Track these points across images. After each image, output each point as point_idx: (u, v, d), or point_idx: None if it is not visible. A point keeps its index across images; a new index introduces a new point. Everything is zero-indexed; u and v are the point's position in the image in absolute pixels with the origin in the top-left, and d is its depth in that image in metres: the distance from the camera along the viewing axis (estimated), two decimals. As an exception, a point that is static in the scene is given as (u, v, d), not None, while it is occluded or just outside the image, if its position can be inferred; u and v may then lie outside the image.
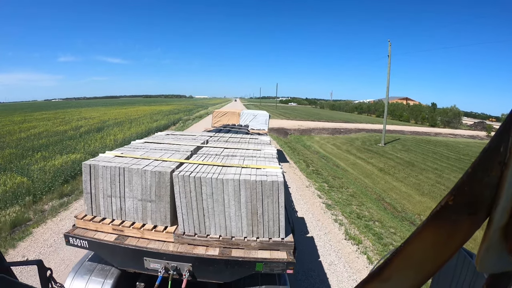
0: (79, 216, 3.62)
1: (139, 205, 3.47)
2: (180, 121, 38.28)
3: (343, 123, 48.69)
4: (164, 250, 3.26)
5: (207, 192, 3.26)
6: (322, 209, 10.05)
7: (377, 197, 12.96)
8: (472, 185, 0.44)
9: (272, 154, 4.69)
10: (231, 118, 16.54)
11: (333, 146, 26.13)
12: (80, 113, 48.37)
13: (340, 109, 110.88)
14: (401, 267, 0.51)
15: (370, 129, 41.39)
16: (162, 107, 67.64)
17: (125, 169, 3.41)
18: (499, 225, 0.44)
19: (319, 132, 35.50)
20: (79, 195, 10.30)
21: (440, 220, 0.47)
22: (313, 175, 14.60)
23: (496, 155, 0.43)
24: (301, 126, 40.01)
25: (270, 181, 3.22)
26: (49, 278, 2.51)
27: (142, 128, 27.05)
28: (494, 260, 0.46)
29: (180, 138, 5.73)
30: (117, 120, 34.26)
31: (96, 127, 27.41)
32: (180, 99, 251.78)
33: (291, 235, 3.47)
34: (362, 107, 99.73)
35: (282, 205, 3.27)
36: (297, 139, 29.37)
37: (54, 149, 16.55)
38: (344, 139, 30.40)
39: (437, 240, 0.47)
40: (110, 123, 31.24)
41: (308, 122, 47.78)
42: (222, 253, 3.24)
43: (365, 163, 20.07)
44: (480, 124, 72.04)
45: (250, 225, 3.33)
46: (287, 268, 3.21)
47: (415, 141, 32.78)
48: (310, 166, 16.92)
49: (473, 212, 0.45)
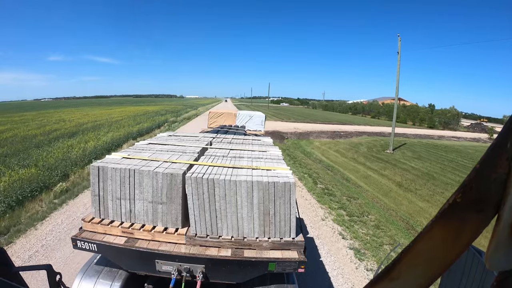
0: (86, 219, 3.61)
1: (149, 207, 3.52)
2: (166, 123, 34.90)
3: (341, 125, 46.26)
4: (176, 252, 3.30)
5: (220, 194, 3.33)
6: (351, 260, 7.40)
7: (406, 226, 10.79)
8: (480, 182, 0.44)
9: (278, 155, 4.77)
10: (228, 119, 16.13)
11: (336, 153, 23.22)
12: (62, 114, 46.24)
13: (334, 110, 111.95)
14: (410, 266, 0.50)
15: (371, 132, 38.94)
16: (150, 108, 64.87)
17: (136, 171, 3.45)
18: (508, 222, 0.43)
19: (318, 135, 32.64)
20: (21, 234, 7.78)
21: (448, 218, 0.46)
22: (325, 198, 11.70)
23: (504, 151, 0.43)
24: (297, 128, 37.18)
25: (282, 182, 3.32)
26: (58, 283, 2.80)
27: (120, 133, 24.97)
28: (504, 257, 0.46)
29: (184, 140, 5.73)
30: (96, 123, 32.30)
31: (71, 131, 25.47)
32: (171, 99, 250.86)
33: (301, 234, 3.56)
34: (356, 107, 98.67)
35: (293, 206, 3.37)
36: (295, 145, 26.42)
37: (11, 161, 14.12)
38: (347, 144, 27.58)
39: (446, 238, 0.47)
40: (88, 126, 29.35)
41: (304, 124, 45.18)
42: (234, 254, 3.31)
43: (378, 175, 17.25)
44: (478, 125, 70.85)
45: (262, 226, 3.41)
46: (298, 267, 3.28)
47: (422, 146, 30.30)
48: (318, 182, 14.00)
49: (481, 209, 0.45)
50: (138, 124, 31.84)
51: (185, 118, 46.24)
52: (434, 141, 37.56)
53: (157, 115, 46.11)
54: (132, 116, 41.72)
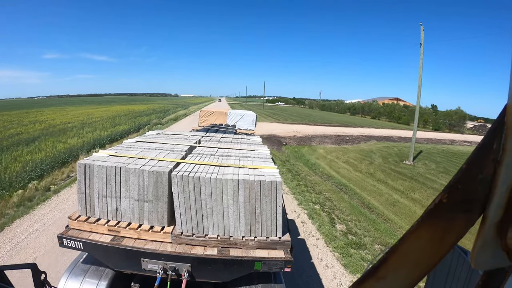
0: (73, 216, 3.67)
1: (135, 205, 3.58)
2: (147, 125, 30.41)
3: (344, 127, 42.59)
4: (162, 251, 3.35)
5: (206, 192, 3.39)
6: None
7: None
8: (466, 183, 0.45)
9: (266, 154, 4.83)
10: (219, 117, 15.93)
11: (347, 165, 19.21)
12: (40, 114, 43.34)
13: (331, 110, 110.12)
14: (396, 265, 0.51)
15: (379, 135, 35.10)
16: (136, 107, 61.93)
17: (122, 168, 3.51)
18: (493, 222, 0.45)
19: (321, 140, 28.65)
20: None
21: (434, 217, 0.48)
22: (354, 255, 7.32)
23: (490, 152, 0.44)
24: (296, 132, 33.19)
25: (268, 181, 3.39)
26: (43, 282, 2.92)
27: (87, 138, 21.95)
28: (489, 257, 0.47)
29: (172, 138, 5.78)
30: (68, 125, 29.45)
31: (34, 135, 22.50)
32: (165, 98, 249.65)
33: (288, 234, 3.63)
34: (355, 107, 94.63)
35: (280, 205, 3.45)
36: (296, 153, 22.33)
37: None
38: (357, 152, 23.48)
39: (432, 237, 0.48)
40: (55, 129, 26.43)
41: (304, 126, 41.38)
42: (220, 252, 3.37)
43: (407, 199, 13.62)
44: (483, 127, 67.63)
45: (248, 225, 3.48)
46: (285, 266, 3.33)
47: (441, 155, 26.68)
48: (334, 218, 10.10)
49: (467, 209, 0.46)
50: (114, 127, 28.85)
51: (171, 119, 41.93)
52: (449, 147, 34.17)
53: (141, 115, 42.64)
54: (112, 117, 37.97)
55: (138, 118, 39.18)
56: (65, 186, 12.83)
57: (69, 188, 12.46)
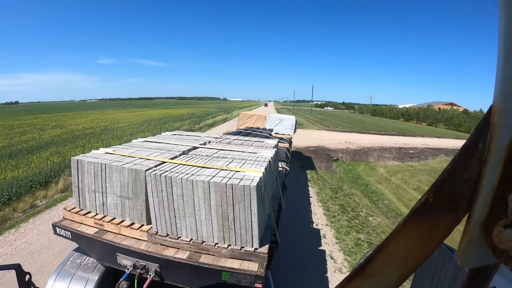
0: (68, 208, 3.95)
1: (118, 202, 3.73)
2: (174, 132, 26.48)
3: (402, 137, 37.22)
4: (134, 248, 3.41)
5: (177, 193, 3.40)
6: None
7: None
8: (452, 182, 0.46)
9: (265, 158, 4.57)
10: (258, 121, 15.60)
11: (420, 195, 12.52)
12: (74, 117, 44.36)
13: (383, 115, 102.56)
14: (383, 264, 0.52)
15: (446, 148, 28.50)
16: (176, 111, 62.04)
17: (106, 165, 3.70)
18: (478, 221, 0.46)
19: (380, 155, 23.14)
20: None
21: (420, 216, 0.48)
22: None
23: (475, 152, 0.45)
24: (349, 142, 27.87)
25: (241, 185, 3.24)
26: (28, 283, 2.91)
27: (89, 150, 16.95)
28: (475, 255, 0.48)
29: (183, 139, 5.85)
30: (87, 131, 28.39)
31: (42, 143, 21.51)
32: (212, 101, 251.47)
33: (267, 246, 3.40)
34: (409, 113, 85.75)
35: (254, 212, 3.27)
36: (351, 173, 17.36)
37: None
38: (428, 173, 18.35)
39: (418, 236, 0.49)
40: (73, 135, 25.50)
41: (356, 135, 36.06)
42: (190, 257, 3.33)
43: None
44: None
45: (221, 231, 3.39)
46: (255, 281, 3.08)
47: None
48: None
49: (453, 208, 0.47)
50: (132, 135, 26.22)
51: (207, 124, 38.27)
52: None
53: (176, 120, 40.21)
54: (141, 122, 35.60)
55: (169, 123, 36.71)
56: (22, 221, 9.28)
57: (26, 224, 9.26)
